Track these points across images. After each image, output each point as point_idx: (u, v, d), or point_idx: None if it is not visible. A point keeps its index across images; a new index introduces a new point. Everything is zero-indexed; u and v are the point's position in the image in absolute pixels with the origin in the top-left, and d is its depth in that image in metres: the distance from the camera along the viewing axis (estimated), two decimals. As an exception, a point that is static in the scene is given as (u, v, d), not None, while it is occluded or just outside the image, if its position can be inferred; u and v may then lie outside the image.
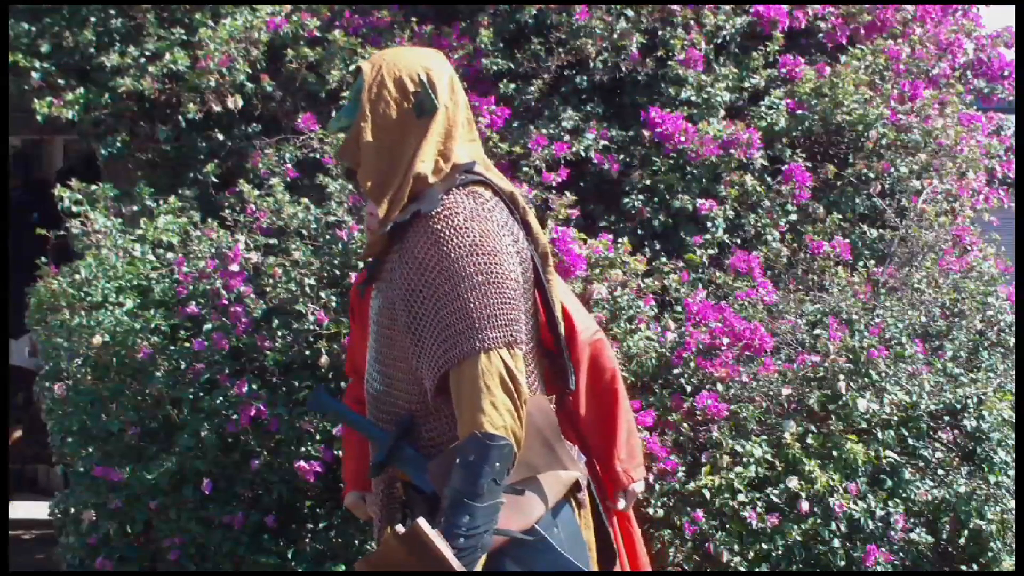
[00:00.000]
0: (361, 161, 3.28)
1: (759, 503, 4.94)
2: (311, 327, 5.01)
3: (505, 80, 6.10)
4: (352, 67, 5.94)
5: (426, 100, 3.25)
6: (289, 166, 5.71)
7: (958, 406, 5.24)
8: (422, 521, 3.05)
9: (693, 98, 6.03)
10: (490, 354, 3.11)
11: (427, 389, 3.20)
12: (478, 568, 3.12)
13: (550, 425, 3.30)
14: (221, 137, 6.16)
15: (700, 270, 5.58)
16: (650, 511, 4.93)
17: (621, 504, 3.56)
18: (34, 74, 6.07)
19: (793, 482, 4.96)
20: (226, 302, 5.10)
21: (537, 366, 3.35)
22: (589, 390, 3.48)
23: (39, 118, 6.01)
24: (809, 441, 5.05)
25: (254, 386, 4.99)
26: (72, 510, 5.16)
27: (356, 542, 4.98)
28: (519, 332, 3.17)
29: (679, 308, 5.32)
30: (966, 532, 5.11)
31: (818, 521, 4.94)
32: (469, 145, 3.33)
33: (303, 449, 4.93)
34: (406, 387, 3.26)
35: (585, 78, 6.13)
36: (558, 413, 3.36)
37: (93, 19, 6.15)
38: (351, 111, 3.32)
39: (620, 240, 5.37)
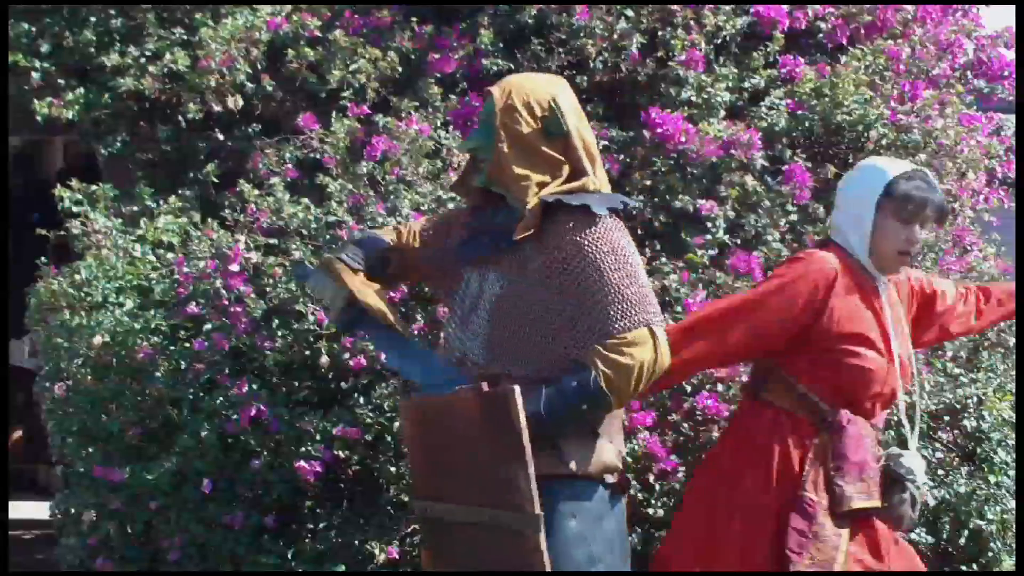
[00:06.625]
0: (502, 175, 3.56)
1: (759, 503, 4.92)
2: (311, 327, 5.01)
3: (505, 80, 6.10)
4: (352, 67, 5.97)
5: (553, 124, 3.54)
6: (289, 166, 5.70)
7: (958, 406, 5.23)
8: (519, 390, 3.23)
9: (693, 98, 6.02)
10: (651, 328, 3.45)
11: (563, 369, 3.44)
12: None
13: None
14: (221, 137, 6.15)
15: (700, 270, 5.57)
16: (650, 511, 4.93)
17: None
18: (34, 74, 6.07)
19: (793, 482, 4.94)
20: (226, 302, 5.10)
21: None
22: None
23: (39, 118, 6.00)
24: (809, 441, 5.03)
25: (254, 386, 4.99)
26: (72, 510, 5.16)
27: (356, 542, 4.98)
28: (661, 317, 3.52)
29: (679, 308, 5.31)
30: (966, 532, 5.11)
31: (818, 521, 4.93)
32: (599, 168, 3.62)
33: (303, 449, 4.93)
34: (511, 366, 3.48)
35: (585, 78, 6.12)
36: None
37: (93, 19, 6.14)
38: (483, 133, 3.59)
39: (620, 240, 5.35)
